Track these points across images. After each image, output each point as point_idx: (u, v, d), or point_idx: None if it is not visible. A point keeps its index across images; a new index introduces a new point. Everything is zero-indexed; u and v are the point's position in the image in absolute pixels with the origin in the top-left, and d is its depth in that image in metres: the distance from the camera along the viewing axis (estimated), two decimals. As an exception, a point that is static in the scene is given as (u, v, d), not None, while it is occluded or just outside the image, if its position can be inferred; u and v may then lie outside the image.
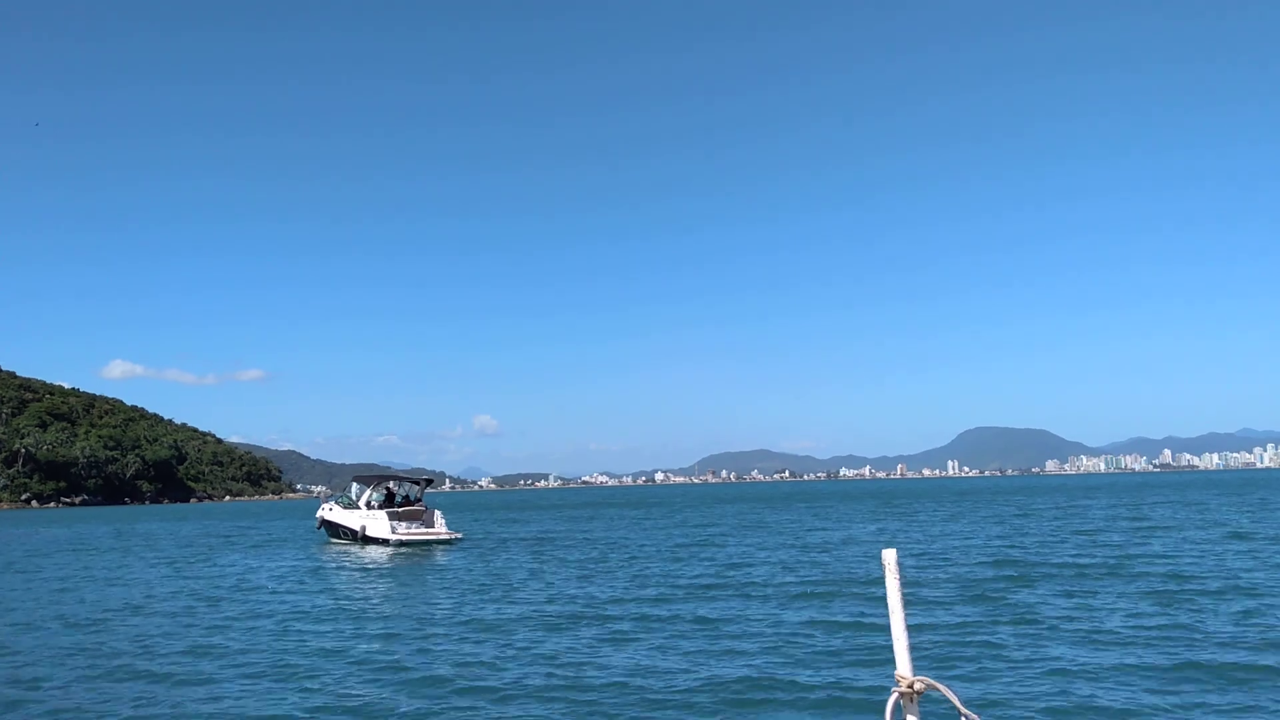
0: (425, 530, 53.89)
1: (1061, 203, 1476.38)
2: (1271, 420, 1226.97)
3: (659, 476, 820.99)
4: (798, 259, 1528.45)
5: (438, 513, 55.73)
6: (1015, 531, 53.96)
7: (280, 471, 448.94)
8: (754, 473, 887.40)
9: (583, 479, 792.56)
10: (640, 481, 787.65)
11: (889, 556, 5.44)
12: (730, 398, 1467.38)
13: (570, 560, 42.32)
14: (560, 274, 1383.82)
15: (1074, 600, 25.41)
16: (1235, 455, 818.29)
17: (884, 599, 6.97)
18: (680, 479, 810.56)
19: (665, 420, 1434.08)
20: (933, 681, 5.17)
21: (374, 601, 29.27)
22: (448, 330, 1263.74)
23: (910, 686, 5.20)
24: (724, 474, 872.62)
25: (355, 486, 59.46)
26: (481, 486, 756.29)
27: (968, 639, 20.02)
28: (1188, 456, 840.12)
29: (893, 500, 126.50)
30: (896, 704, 5.28)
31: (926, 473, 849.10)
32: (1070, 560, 36.12)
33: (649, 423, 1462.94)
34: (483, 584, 33.00)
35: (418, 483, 59.83)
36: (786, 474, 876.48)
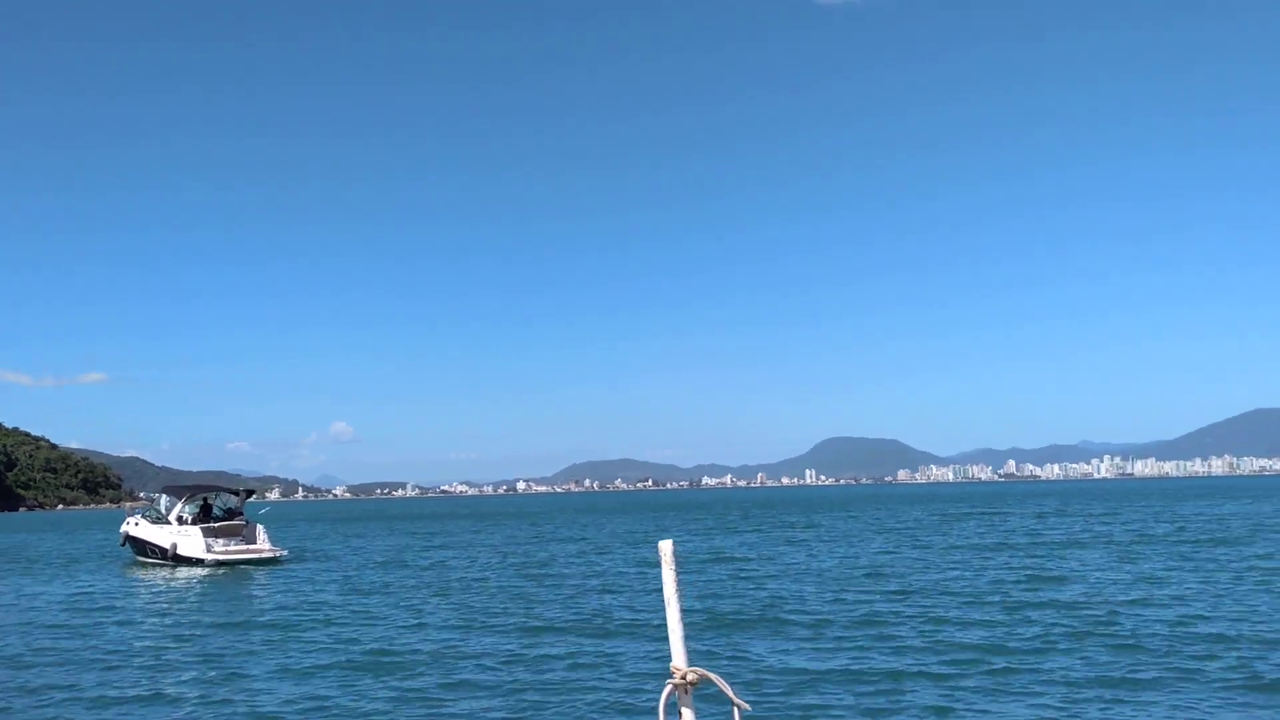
0: (245, 548, 49.53)
1: (913, 219, 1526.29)
2: (1107, 433, 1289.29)
3: (521, 486, 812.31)
4: (658, 273, 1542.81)
5: (260, 527, 51.31)
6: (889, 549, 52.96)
7: (120, 479, 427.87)
8: (618, 481, 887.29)
9: (442, 488, 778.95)
10: (502, 491, 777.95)
11: (665, 548, 5.55)
12: (594, 407, 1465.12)
13: (396, 585, 38.88)
14: (422, 279, 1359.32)
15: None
16: (1074, 466, 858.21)
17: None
18: (543, 488, 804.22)
19: (529, 429, 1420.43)
20: (705, 672, 5.34)
21: (149, 643, 25.38)
22: (302, 335, 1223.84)
23: (684, 678, 5.41)
24: (587, 483, 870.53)
25: (164, 499, 53.67)
26: (336, 495, 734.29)
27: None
28: (1030, 467, 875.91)
29: (751, 511, 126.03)
30: (671, 695, 5.43)
31: (786, 481, 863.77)
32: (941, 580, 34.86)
33: (512, 431, 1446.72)
34: (290, 619, 29.29)
35: (237, 493, 54.98)
36: (650, 483, 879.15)
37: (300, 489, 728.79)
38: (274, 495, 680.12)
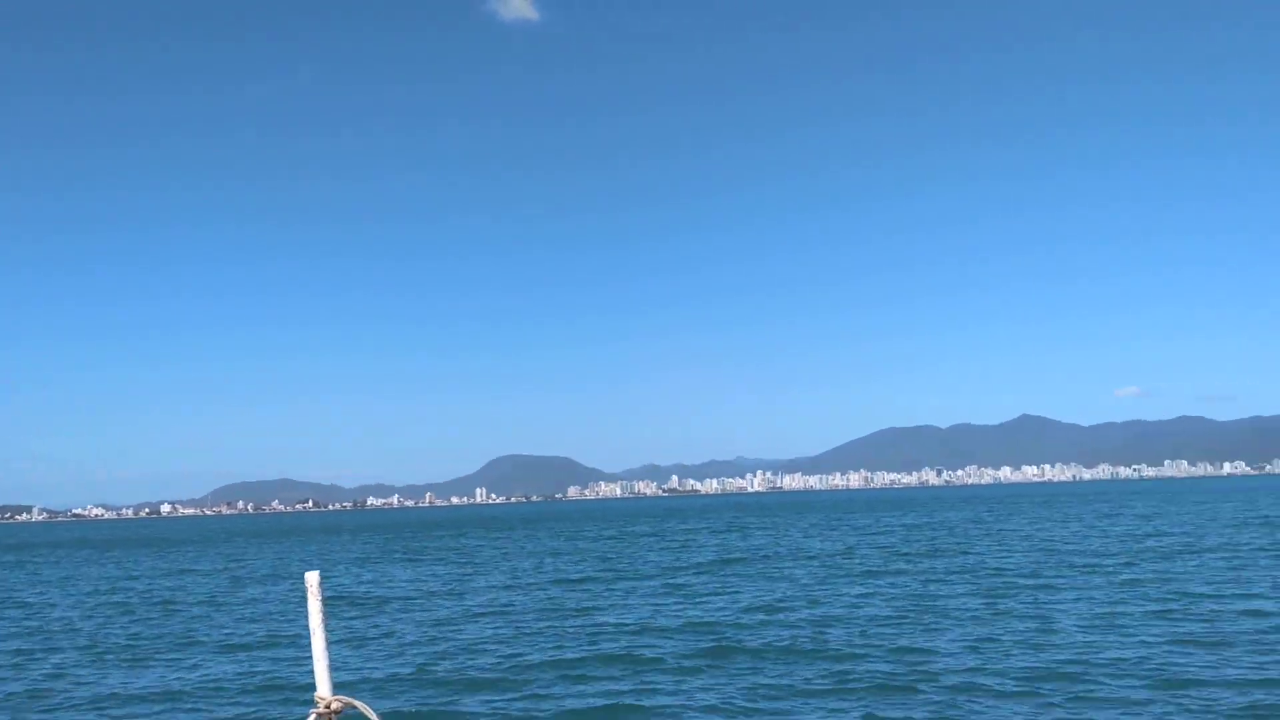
0: None
1: (604, 243, 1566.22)
2: (760, 450, 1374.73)
3: (165, 508, 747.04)
4: (320, 293, 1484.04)
5: None
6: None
7: None
8: (274, 503, 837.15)
9: (74, 511, 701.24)
10: (144, 514, 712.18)
11: (311, 579, 5.77)
12: (247, 423, 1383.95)
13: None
14: (71, 289, 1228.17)
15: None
16: (731, 480, 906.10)
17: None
18: (191, 511, 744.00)
19: (176, 445, 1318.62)
20: (350, 700, 5.46)
21: None
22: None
23: (329, 706, 5.53)
24: (240, 505, 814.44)
25: None
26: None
27: None
28: (692, 482, 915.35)
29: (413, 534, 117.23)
30: None
31: (455, 500, 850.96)
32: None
33: (157, 448, 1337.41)
34: None
35: None
36: (310, 504, 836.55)
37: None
38: None
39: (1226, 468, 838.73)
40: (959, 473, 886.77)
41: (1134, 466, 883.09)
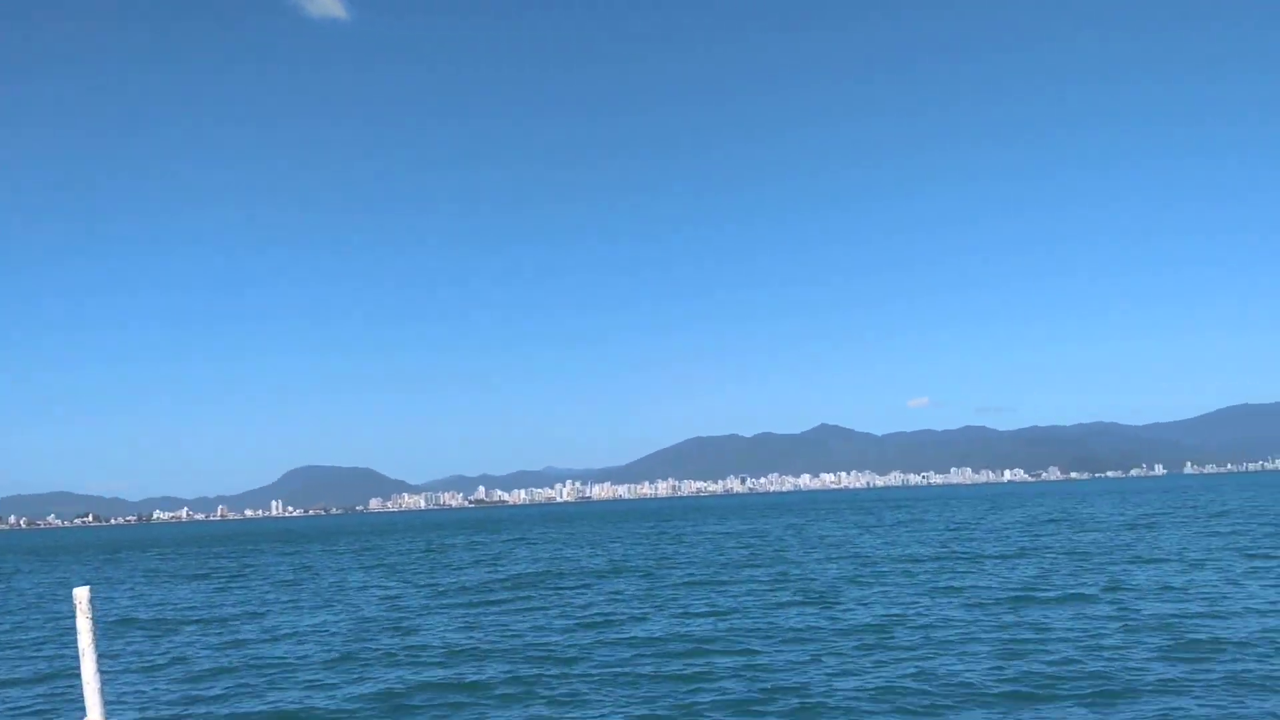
0: None
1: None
2: (569, 460, 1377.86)
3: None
4: (108, 298, 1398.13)
5: None
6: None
7: None
8: (50, 518, 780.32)
9: None
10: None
11: (80, 595, 5.45)
12: (20, 433, 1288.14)
13: None
14: None
15: None
16: (540, 491, 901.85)
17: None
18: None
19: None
20: None
21: None
22: None
23: None
24: (13, 520, 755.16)
25: None
26: None
27: None
28: (499, 492, 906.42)
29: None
30: None
31: (249, 513, 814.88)
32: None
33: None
34: None
35: None
36: (91, 518, 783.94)
37: None
38: None
39: (1007, 475, 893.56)
40: (762, 480, 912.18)
41: (923, 474, 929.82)
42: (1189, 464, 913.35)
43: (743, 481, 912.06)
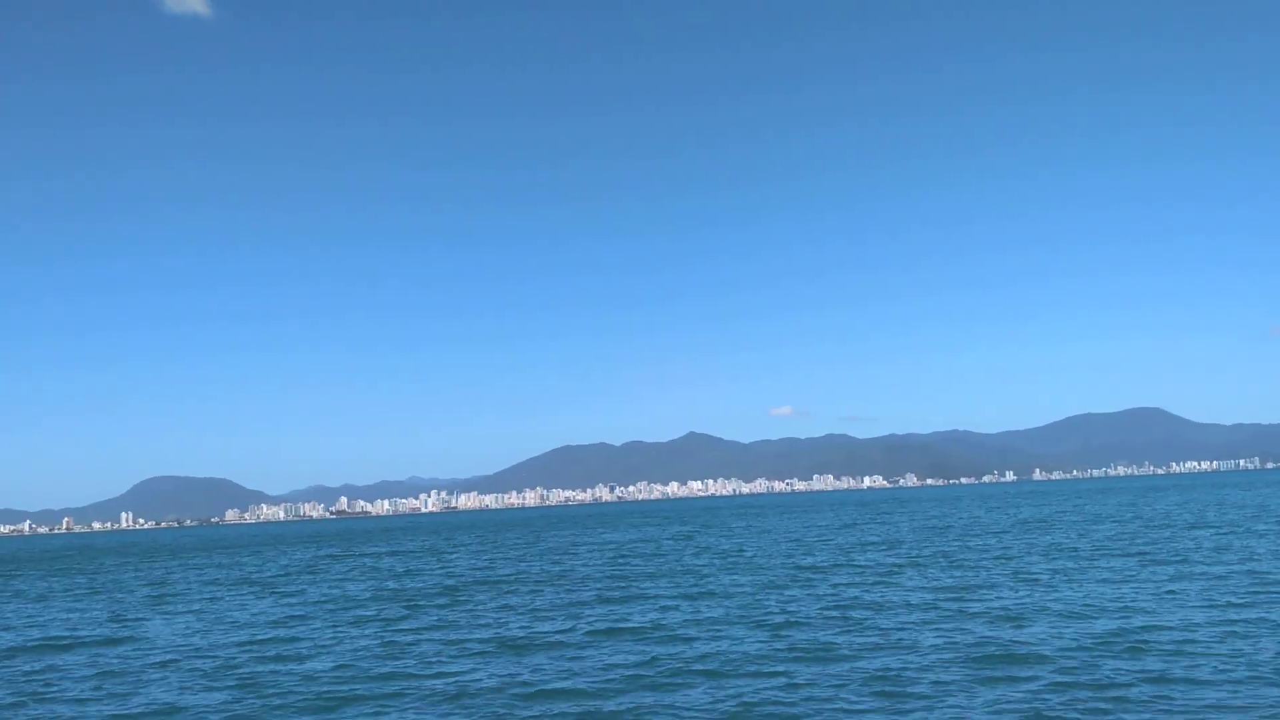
0: None
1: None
2: (435, 470, 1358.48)
3: None
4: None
5: None
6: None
7: None
8: None
9: None
10: None
11: None
12: None
13: None
14: None
15: None
16: (404, 501, 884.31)
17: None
18: None
19: None
20: None
21: None
22: None
23: None
24: None
25: None
26: None
27: None
28: (362, 503, 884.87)
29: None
30: None
31: (98, 526, 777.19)
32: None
33: None
34: None
35: None
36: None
37: None
38: None
39: (866, 481, 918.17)
40: (630, 488, 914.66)
41: (787, 480, 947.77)
42: (1037, 470, 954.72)
43: (611, 490, 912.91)
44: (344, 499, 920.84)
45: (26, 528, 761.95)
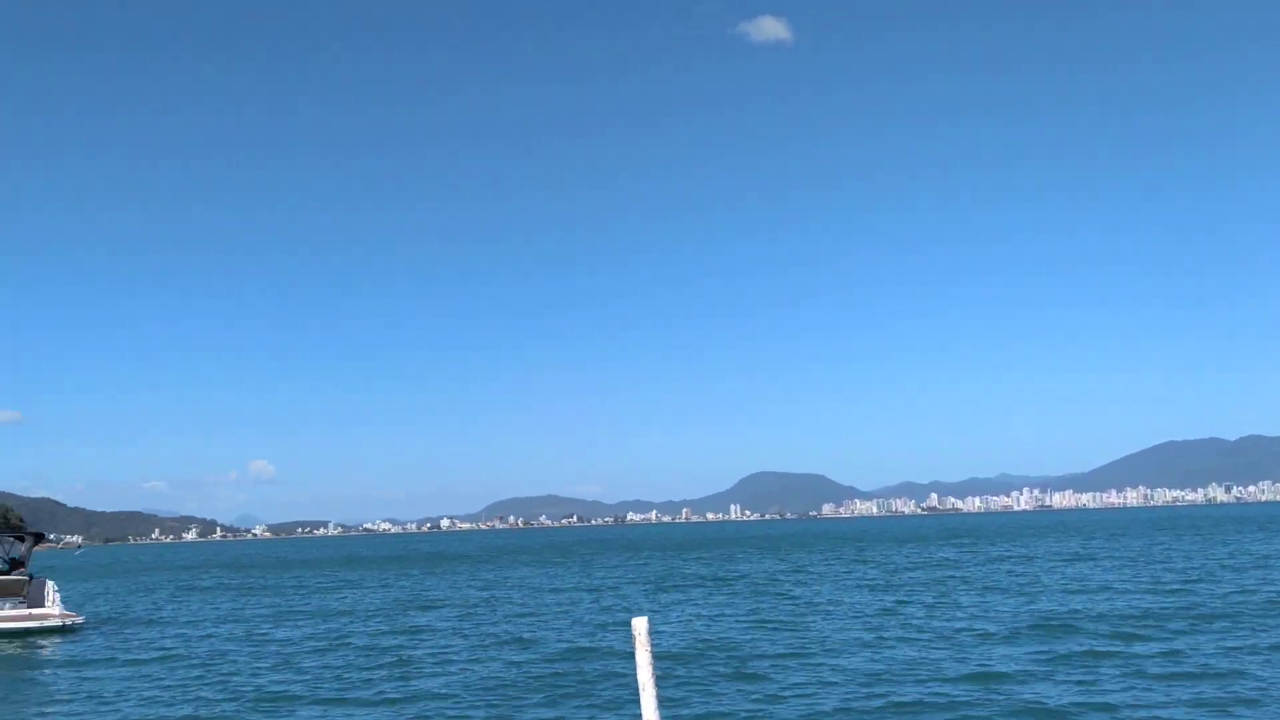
0: (21, 613, 37.13)
1: (832, 250, 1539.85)
2: (1026, 466, 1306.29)
3: (445, 523, 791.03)
4: (576, 303, 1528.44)
5: (50, 584, 38.87)
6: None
7: (22, 520, 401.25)
8: (542, 518, 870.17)
9: (364, 526, 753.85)
10: (426, 528, 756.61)
11: (639, 626, 5.16)
12: (518, 444, 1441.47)
13: (223, 666, 27.35)
14: (341, 314, 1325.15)
15: None
16: (995, 499, 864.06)
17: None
18: (467, 525, 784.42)
19: (453, 465, 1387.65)
20: None
21: None
22: (221, 369, 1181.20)
23: None
24: (511, 520, 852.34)
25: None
26: (256, 535, 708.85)
27: None
28: (952, 500, 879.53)
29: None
30: None
31: (710, 516, 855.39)
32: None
33: (436, 467, 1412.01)
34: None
35: (21, 538, 41.67)
36: (575, 519, 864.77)
37: (219, 529, 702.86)
38: (191, 535, 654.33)
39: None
40: (1251, 489, 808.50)
41: None
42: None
43: (1227, 490, 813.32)
44: (934, 495, 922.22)
45: (654, 516, 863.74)
